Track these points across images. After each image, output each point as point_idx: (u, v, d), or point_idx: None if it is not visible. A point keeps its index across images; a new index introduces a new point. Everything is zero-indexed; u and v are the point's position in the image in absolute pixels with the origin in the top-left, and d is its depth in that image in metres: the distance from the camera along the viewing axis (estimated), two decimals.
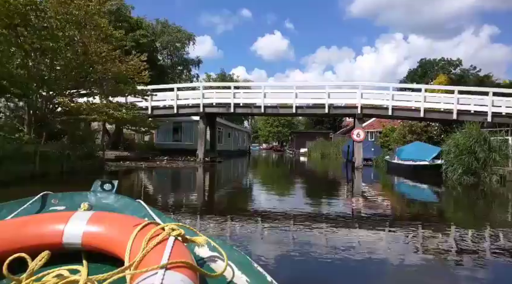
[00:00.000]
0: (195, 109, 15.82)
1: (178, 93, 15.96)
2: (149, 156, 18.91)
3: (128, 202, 1.62)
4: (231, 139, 30.16)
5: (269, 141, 64.74)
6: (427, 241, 3.69)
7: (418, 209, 5.95)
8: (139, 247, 0.97)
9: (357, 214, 5.44)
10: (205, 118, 15.83)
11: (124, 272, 0.90)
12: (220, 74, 45.02)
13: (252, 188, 8.44)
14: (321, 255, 3.00)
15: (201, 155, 15.72)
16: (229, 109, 15.44)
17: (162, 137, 24.59)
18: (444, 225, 4.72)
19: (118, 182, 1.75)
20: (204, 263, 1.15)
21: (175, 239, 1.02)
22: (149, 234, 1.02)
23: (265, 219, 4.60)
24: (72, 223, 1.13)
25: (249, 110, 15.50)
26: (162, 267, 0.86)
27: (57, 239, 1.09)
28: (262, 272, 1.05)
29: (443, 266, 2.93)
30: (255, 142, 69.87)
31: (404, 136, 16.43)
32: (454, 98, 12.90)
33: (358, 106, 14.02)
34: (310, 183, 9.84)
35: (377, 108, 14.07)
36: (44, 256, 0.96)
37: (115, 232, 1.10)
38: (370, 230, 4.09)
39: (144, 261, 0.93)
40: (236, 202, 6.37)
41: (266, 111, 15.18)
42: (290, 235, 3.76)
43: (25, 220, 1.18)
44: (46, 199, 1.59)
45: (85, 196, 1.65)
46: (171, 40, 29.10)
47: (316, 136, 37.43)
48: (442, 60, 52.75)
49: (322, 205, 5.94)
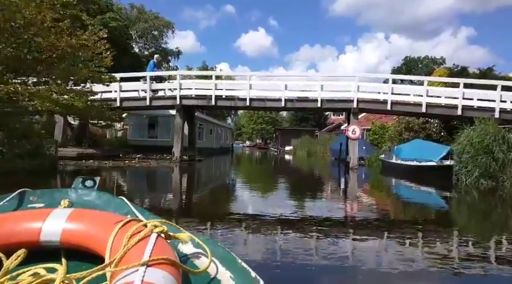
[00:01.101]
0: (171, 100, 13.93)
1: (152, 83, 14.02)
2: (119, 154, 16.91)
3: (110, 199, 1.57)
4: (213, 136, 28.31)
5: (253, 138, 63.43)
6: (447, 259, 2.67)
7: (434, 220, 4.75)
8: (120, 244, 0.95)
9: (364, 224, 4.17)
10: (182, 112, 13.98)
11: (104, 269, 0.89)
12: (201, 67, 42.81)
13: (234, 192, 6.80)
14: None
15: (178, 153, 13.88)
16: (209, 102, 13.67)
17: (137, 133, 22.48)
18: (472, 240, 3.52)
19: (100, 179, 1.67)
20: (188, 259, 1.13)
21: (157, 236, 1.01)
22: (130, 230, 1.00)
23: (255, 234, 3.37)
24: (50, 220, 1.10)
25: (233, 102, 13.77)
26: (143, 264, 0.85)
27: (34, 237, 1.07)
28: (246, 268, 1.04)
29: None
30: (238, 139, 68.41)
31: (400, 133, 15.20)
32: (459, 92, 11.69)
33: (354, 100, 12.60)
34: (300, 186, 8.30)
35: (374, 102, 12.69)
36: (20, 254, 0.96)
37: (95, 229, 1.08)
38: (381, 243, 3.23)
39: (125, 259, 0.91)
40: (216, 208, 4.91)
41: (252, 104, 13.51)
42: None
43: (1, 218, 1.13)
44: (24, 196, 1.52)
45: (65, 193, 1.58)
46: (147, 28, 26.78)
47: (302, 133, 36.26)
48: (426, 58, 52.95)
49: (319, 213, 4.45)
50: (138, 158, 15.48)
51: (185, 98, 13.91)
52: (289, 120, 55.16)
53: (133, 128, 22.69)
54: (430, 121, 14.77)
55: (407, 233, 3.70)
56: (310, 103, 13.18)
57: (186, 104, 13.91)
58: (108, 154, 15.80)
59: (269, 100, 13.47)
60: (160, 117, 21.75)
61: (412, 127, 14.77)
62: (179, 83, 13.72)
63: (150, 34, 27.24)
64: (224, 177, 10.77)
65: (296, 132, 38.27)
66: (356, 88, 12.60)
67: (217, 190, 7.52)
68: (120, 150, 18.71)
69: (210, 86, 13.75)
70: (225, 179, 9.98)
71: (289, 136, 38.74)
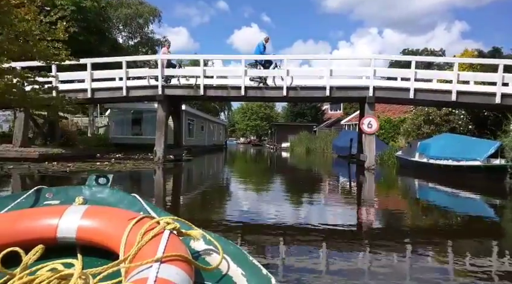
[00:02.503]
0: (151, 90, 11.76)
1: (128, 71, 11.82)
2: (96, 154, 14.72)
3: (123, 196, 1.59)
4: (204, 133, 26.13)
5: (247, 135, 61.53)
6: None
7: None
8: (134, 241, 0.97)
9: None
10: (166, 104, 11.81)
11: (118, 265, 0.91)
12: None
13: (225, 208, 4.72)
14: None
15: (161, 152, 11.73)
16: (197, 92, 11.53)
17: (119, 130, 20.22)
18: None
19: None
20: (200, 256, 1.14)
21: (170, 233, 1.02)
22: (144, 227, 1.02)
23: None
24: (66, 217, 1.13)
25: (225, 92, 11.64)
26: (157, 260, 0.86)
27: (51, 233, 1.10)
28: (257, 265, 1.04)
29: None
30: (232, 136, 66.52)
31: (418, 127, 13.24)
32: (498, 76, 9.72)
33: (370, 87, 10.58)
34: (312, 197, 6.24)
35: (394, 90, 10.66)
36: (39, 250, 0.96)
37: (109, 226, 1.10)
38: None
39: (139, 255, 0.92)
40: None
41: (247, 94, 11.40)
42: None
43: (19, 215, 1.17)
44: (40, 193, 1.57)
45: (79, 190, 1.62)
46: (130, 14, 24.29)
47: (299, 129, 34.26)
48: (425, 51, 51.33)
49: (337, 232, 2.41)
50: (116, 159, 13.29)
51: (168, 88, 11.76)
52: (285, 116, 53.18)
53: (115, 124, 20.42)
54: (454, 112, 12.82)
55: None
56: (317, 91, 11.12)
57: (171, 94, 11.75)
58: (82, 154, 13.59)
59: (268, 89, 11.38)
60: (146, 112, 19.56)
61: (433, 119, 12.81)
62: (162, 70, 11.56)
63: (134, 21, 24.78)
64: (215, 182, 8.65)
65: (293, 128, 36.23)
66: (372, 73, 10.57)
67: (202, 203, 5.41)
68: (100, 148, 16.59)
69: (198, 72, 11.61)
70: (215, 185, 7.87)
71: (286, 132, 36.72)
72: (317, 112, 45.80)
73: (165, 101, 11.75)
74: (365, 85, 10.72)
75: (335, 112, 48.92)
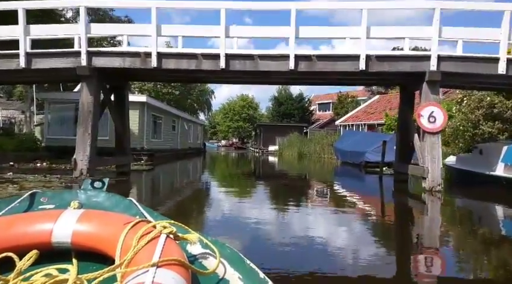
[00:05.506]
0: (70, 59, 7.07)
1: (31, 27, 7.09)
2: (9, 163, 10.14)
3: (119, 200, 1.54)
4: (177, 133, 21.37)
5: (229, 137, 57.15)
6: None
7: None
8: (130, 245, 0.95)
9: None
10: (94, 83, 7.15)
11: (114, 270, 0.89)
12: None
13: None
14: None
15: (86, 163, 7.04)
16: (146, 62, 6.95)
17: (58, 129, 15.20)
18: None
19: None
20: (197, 260, 1.13)
21: (166, 237, 1.00)
22: (140, 231, 1.00)
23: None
24: (61, 221, 1.10)
25: (194, 64, 7.05)
26: (153, 265, 0.85)
27: (45, 238, 1.07)
28: (254, 269, 1.03)
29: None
30: (213, 138, 62.08)
31: (475, 125, 9.18)
32: None
33: (433, 56, 6.38)
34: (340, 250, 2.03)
35: (475, 60, 6.48)
36: (33, 255, 0.95)
37: (105, 230, 1.07)
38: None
39: (135, 260, 0.91)
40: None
41: (231, 66, 6.91)
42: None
43: (13, 219, 1.14)
44: (34, 198, 1.52)
45: (75, 194, 1.56)
46: None
47: (288, 130, 30.17)
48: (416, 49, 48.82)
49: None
50: (20, 171, 8.52)
51: (98, 55, 7.10)
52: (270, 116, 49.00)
53: (53, 122, 15.38)
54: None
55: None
56: (344, 62, 6.79)
57: (102, 66, 7.08)
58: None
59: (265, 57, 6.94)
60: None
61: (500, 113, 8.79)
62: (86, 27, 6.91)
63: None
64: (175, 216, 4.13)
65: (280, 129, 32.07)
66: (437, 33, 6.37)
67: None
68: (22, 154, 11.89)
69: (149, 30, 7.00)
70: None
71: (273, 133, 32.56)
72: (304, 113, 41.96)
73: (92, 78, 7.05)
74: (426, 53, 6.50)
75: (324, 113, 45.25)
